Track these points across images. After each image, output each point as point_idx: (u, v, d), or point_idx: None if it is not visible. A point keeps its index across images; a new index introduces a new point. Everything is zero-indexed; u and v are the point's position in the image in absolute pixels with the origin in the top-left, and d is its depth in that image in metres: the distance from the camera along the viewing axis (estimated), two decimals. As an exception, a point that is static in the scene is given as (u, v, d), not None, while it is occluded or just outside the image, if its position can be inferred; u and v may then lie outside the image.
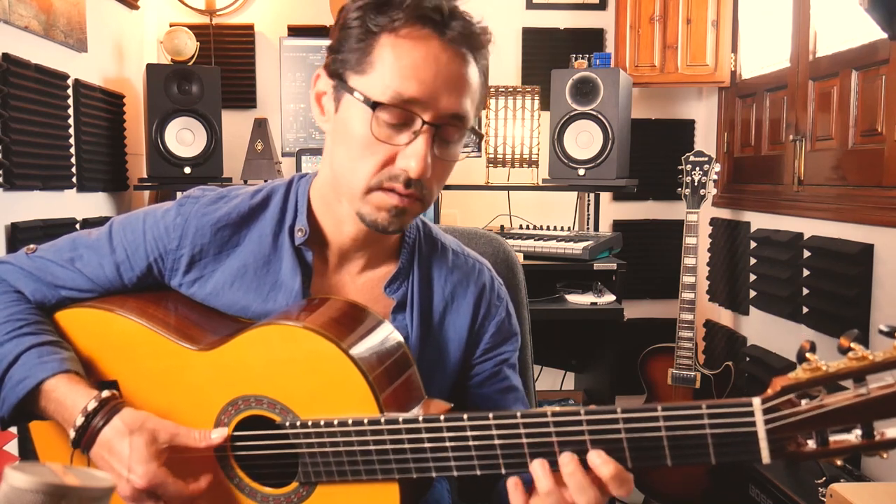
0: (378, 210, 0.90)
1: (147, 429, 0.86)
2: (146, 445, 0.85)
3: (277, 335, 0.88)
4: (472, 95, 0.92)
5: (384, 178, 0.89)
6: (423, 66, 0.86)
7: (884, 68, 2.00)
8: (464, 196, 2.92)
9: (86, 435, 0.86)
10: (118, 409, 0.88)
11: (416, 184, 0.88)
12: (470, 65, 0.91)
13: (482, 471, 0.80)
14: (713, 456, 0.72)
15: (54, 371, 0.89)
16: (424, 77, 0.86)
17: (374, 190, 0.89)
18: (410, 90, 0.86)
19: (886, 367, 0.66)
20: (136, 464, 0.83)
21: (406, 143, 0.87)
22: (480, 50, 0.92)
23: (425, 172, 0.87)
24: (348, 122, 0.90)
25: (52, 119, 2.15)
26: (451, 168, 0.95)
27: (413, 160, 0.86)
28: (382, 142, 0.87)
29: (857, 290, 2.00)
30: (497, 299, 1.07)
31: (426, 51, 0.86)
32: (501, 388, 1.05)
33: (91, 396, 0.88)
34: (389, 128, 0.87)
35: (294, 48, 2.84)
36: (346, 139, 0.91)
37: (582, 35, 3.19)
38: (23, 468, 0.54)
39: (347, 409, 0.84)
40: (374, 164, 0.88)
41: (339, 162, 0.93)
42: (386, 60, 0.87)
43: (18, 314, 0.95)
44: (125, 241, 0.99)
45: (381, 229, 0.92)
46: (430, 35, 0.87)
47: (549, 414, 0.76)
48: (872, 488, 1.58)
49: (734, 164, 3.01)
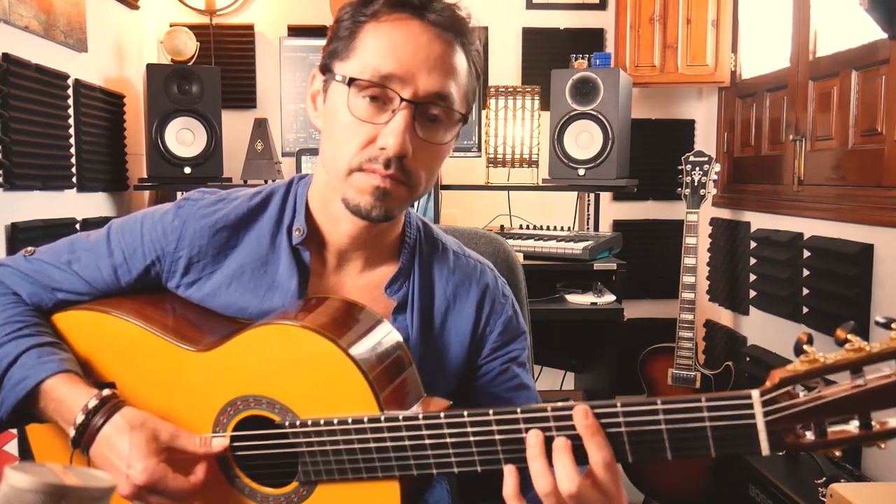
0: (361, 193, 0.90)
1: (148, 427, 0.86)
2: (146, 442, 0.84)
3: (276, 335, 0.88)
4: (458, 79, 0.91)
5: (364, 158, 0.89)
6: (401, 44, 0.88)
7: (884, 68, 2.00)
8: (464, 196, 2.93)
9: (86, 433, 0.86)
10: (119, 408, 0.88)
11: (397, 163, 0.88)
12: (453, 48, 0.91)
13: (483, 466, 0.80)
14: (713, 449, 0.72)
15: (53, 371, 0.89)
16: (402, 54, 0.87)
17: (355, 171, 0.90)
18: (387, 67, 0.87)
19: (883, 357, 0.67)
20: (136, 460, 0.83)
21: (386, 121, 0.88)
22: (465, 35, 0.92)
23: (404, 149, 0.87)
24: (333, 109, 0.92)
25: (52, 119, 2.15)
26: (440, 155, 0.95)
27: (391, 137, 0.87)
28: (363, 121, 0.88)
29: (857, 290, 2.00)
30: (502, 297, 1.06)
31: (405, 31, 0.88)
32: (511, 386, 1.04)
33: (91, 395, 0.88)
34: (369, 107, 0.88)
35: (294, 48, 2.84)
36: (330, 126, 0.93)
37: (582, 35, 3.19)
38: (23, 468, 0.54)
39: (347, 407, 0.84)
40: (356, 145, 0.89)
41: (325, 151, 0.94)
42: (368, 44, 0.89)
43: (17, 316, 0.95)
44: (123, 244, 0.98)
45: (364, 214, 0.91)
46: (410, 18, 0.89)
47: (549, 409, 0.76)
48: (872, 488, 1.58)
49: (734, 164, 3.01)
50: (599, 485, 0.75)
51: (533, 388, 1.06)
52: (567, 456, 0.75)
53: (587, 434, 0.74)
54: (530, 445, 0.76)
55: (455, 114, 0.92)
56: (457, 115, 0.93)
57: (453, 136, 0.95)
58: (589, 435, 0.74)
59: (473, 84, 0.96)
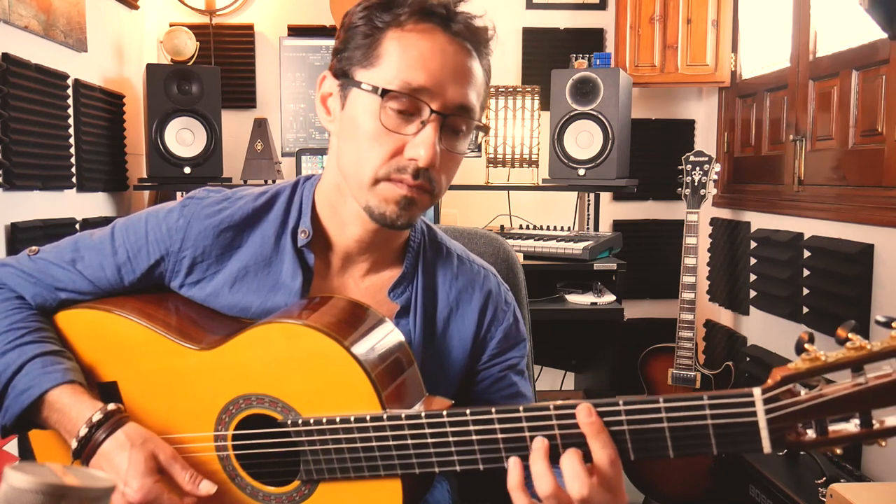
0: (386, 202, 0.90)
1: (148, 447, 0.86)
2: (145, 461, 0.84)
3: (279, 333, 0.88)
4: (478, 90, 0.93)
5: (392, 169, 0.89)
6: (430, 56, 0.88)
7: (884, 68, 2.00)
8: (464, 196, 2.93)
9: (88, 446, 0.86)
10: (122, 423, 0.87)
11: (424, 174, 0.89)
12: (474, 59, 0.92)
13: (485, 465, 0.80)
14: (714, 446, 0.72)
15: (58, 381, 0.89)
16: (432, 67, 0.87)
17: (381, 181, 0.90)
18: (419, 79, 0.87)
19: (884, 356, 0.67)
20: (133, 478, 0.83)
21: (414, 132, 0.88)
22: (484, 46, 0.94)
23: (434, 161, 0.88)
24: (355, 117, 0.91)
25: (52, 119, 2.15)
26: (458, 163, 0.96)
27: (422, 148, 0.87)
28: (391, 131, 0.88)
29: (858, 290, 2.00)
30: (504, 304, 1.06)
31: (433, 43, 0.88)
32: (508, 393, 1.04)
33: (96, 408, 0.87)
34: (398, 118, 0.88)
35: (294, 48, 2.84)
36: (353, 134, 0.91)
37: (582, 35, 3.19)
38: (22, 468, 0.53)
39: (349, 406, 0.84)
40: (383, 155, 0.89)
41: (346, 158, 0.93)
42: (393, 52, 0.88)
43: (21, 322, 0.94)
44: (127, 243, 0.98)
45: (389, 223, 0.91)
46: (435, 29, 0.89)
47: (551, 407, 0.76)
48: (872, 488, 1.58)
49: (734, 164, 3.02)
50: (605, 483, 0.75)
51: (530, 396, 1.07)
52: (576, 457, 0.75)
53: (591, 432, 0.74)
54: (535, 449, 0.76)
55: (475, 124, 0.93)
56: (475, 125, 0.94)
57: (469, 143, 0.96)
58: (593, 433, 0.74)
59: (486, 91, 0.97)
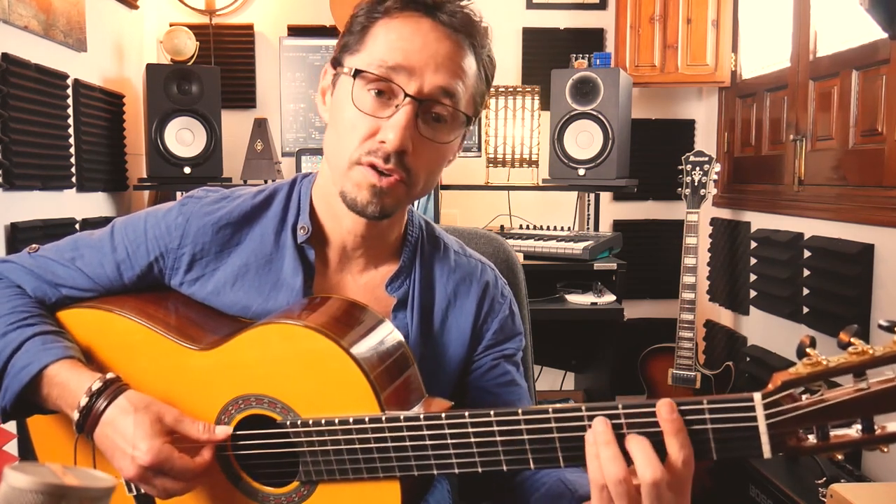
0: (359, 188, 0.90)
1: (152, 409, 0.86)
2: (151, 423, 0.84)
3: (278, 334, 0.88)
4: (466, 80, 0.92)
5: (363, 151, 0.89)
6: (409, 38, 0.89)
7: (884, 68, 2.00)
8: (464, 196, 2.93)
9: (90, 416, 0.86)
10: (123, 390, 0.87)
11: (397, 160, 0.88)
12: (463, 49, 0.91)
13: (483, 468, 0.80)
14: (714, 452, 0.71)
15: (58, 356, 0.89)
16: (410, 48, 0.88)
17: (355, 164, 0.90)
18: (394, 58, 0.88)
19: (886, 361, 0.66)
20: (141, 440, 0.82)
21: (389, 115, 0.88)
22: (475, 38, 0.93)
23: (403, 144, 0.87)
24: (339, 102, 0.92)
25: (52, 119, 2.15)
26: (442, 156, 0.95)
27: (391, 131, 0.87)
28: (367, 114, 0.89)
29: (858, 290, 2.00)
30: (501, 297, 1.07)
31: (415, 26, 0.89)
32: (501, 381, 1.04)
33: (95, 378, 0.87)
34: (374, 101, 0.89)
35: (294, 48, 2.84)
36: (335, 118, 0.93)
37: (582, 35, 3.19)
38: (22, 468, 0.53)
39: (348, 407, 0.84)
40: (358, 138, 0.89)
41: (328, 143, 0.95)
42: (378, 38, 0.90)
43: (21, 306, 0.95)
44: (126, 241, 0.99)
45: (359, 209, 0.91)
46: (422, 16, 0.90)
47: (550, 410, 0.76)
48: (872, 488, 1.58)
49: (734, 164, 3.02)
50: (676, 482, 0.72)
51: (524, 386, 1.06)
52: (648, 443, 0.72)
53: (671, 430, 0.71)
54: (599, 432, 0.73)
55: (460, 114, 0.92)
56: (462, 117, 0.93)
57: (457, 137, 0.95)
58: (673, 431, 0.71)
59: (482, 88, 0.96)
